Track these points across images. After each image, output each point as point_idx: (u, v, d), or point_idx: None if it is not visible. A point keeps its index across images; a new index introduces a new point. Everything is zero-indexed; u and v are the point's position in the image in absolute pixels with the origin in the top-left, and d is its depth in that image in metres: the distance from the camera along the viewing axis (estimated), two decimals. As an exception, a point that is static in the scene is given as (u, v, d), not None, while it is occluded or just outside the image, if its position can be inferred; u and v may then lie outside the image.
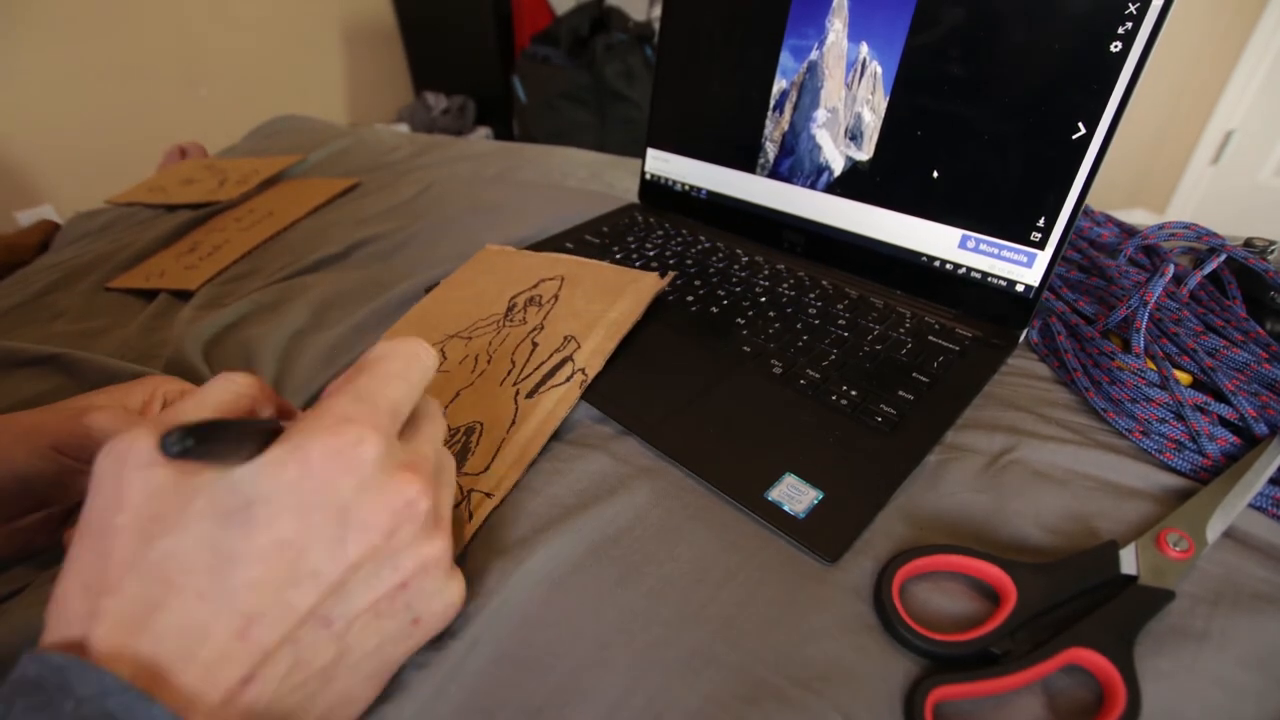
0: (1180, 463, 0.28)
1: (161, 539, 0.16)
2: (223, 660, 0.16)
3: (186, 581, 0.16)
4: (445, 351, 0.37)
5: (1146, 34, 0.29)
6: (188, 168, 0.78)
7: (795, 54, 0.42)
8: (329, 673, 0.19)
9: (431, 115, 2.15)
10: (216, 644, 0.16)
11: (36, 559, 0.29)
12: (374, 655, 0.20)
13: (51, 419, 0.27)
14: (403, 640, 0.21)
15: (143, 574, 0.16)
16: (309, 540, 0.17)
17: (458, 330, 0.38)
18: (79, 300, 0.53)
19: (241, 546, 0.17)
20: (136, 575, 0.16)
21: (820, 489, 0.27)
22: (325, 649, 0.18)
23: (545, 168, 0.68)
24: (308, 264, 0.52)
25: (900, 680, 0.21)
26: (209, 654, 0.16)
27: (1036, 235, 0.35)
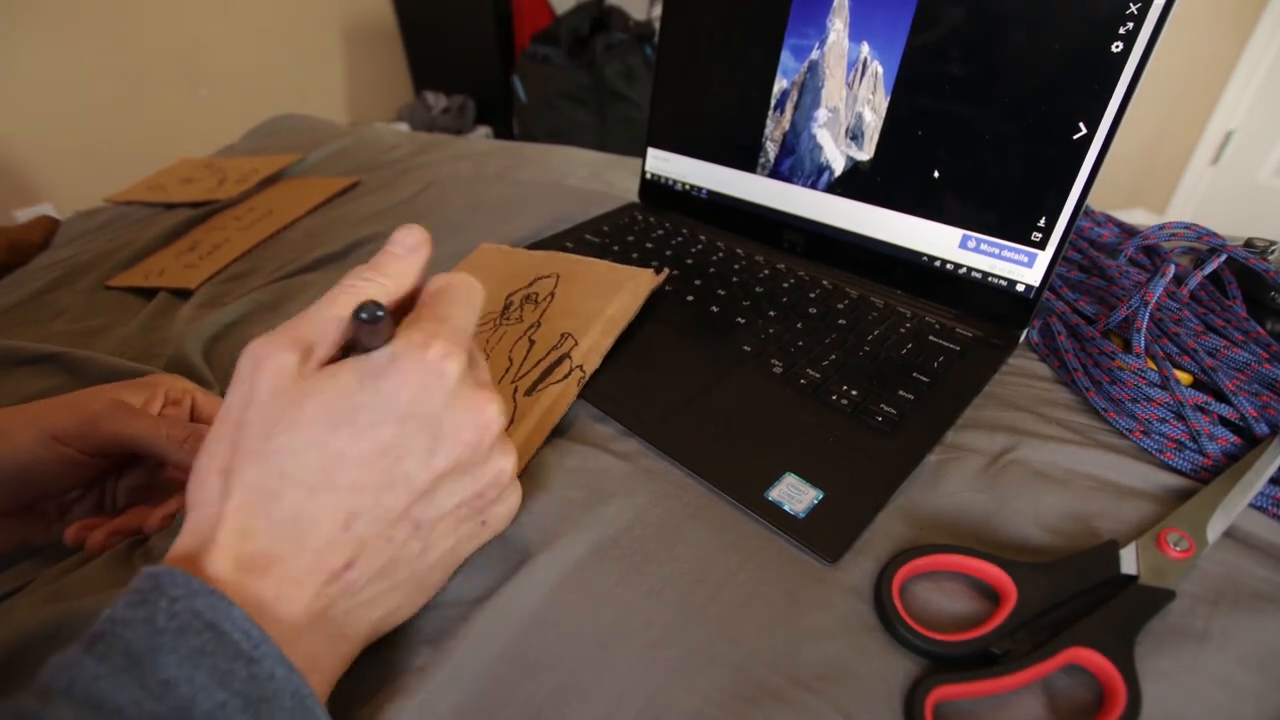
0: (1181, 462, 0.28)
1: (279, 436, 0.19)
2: (329, 547, 0.19)
3: (299, 476, 0.19)
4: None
5: (1148, 34, 0.29)
6: (187, 167, 0.78)
7: (796, 53, 0.42)
8: (413, 565, 0.21)
9: (431, 114, 2.15)
10: (322, 533, 0.19)
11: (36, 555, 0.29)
12: (449, 552, 0.23)
13: (52, 408, 0.28)
14: (472, 539, 0.24)
15: (263, 465, 0.19)
16: (404, 447, 0.20)
17: None
18: (79, 299, 0.53)
19: (348, 449, 0.19)
20: (258, 465, 0.19)
21: (820, 489, 0.27)
22: (412, 545, 0.21)
23: (545, 167, 0.68)
24: (307, 263, 0.52)
25: (900, 680, 0.21)
26: (316, 542, 0.19)
27: (1037, 235, 0.35)
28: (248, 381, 0.19)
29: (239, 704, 0.16)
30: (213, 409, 0.33)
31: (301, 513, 0.19)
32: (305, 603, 0.19)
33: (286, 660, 0.17)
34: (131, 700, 0.15)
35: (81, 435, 0.27)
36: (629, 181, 0.62)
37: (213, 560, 0.18)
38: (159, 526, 0.28)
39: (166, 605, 0.16)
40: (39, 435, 0.27)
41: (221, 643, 0.16)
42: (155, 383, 0.31)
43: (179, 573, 0.17)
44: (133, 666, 0.15)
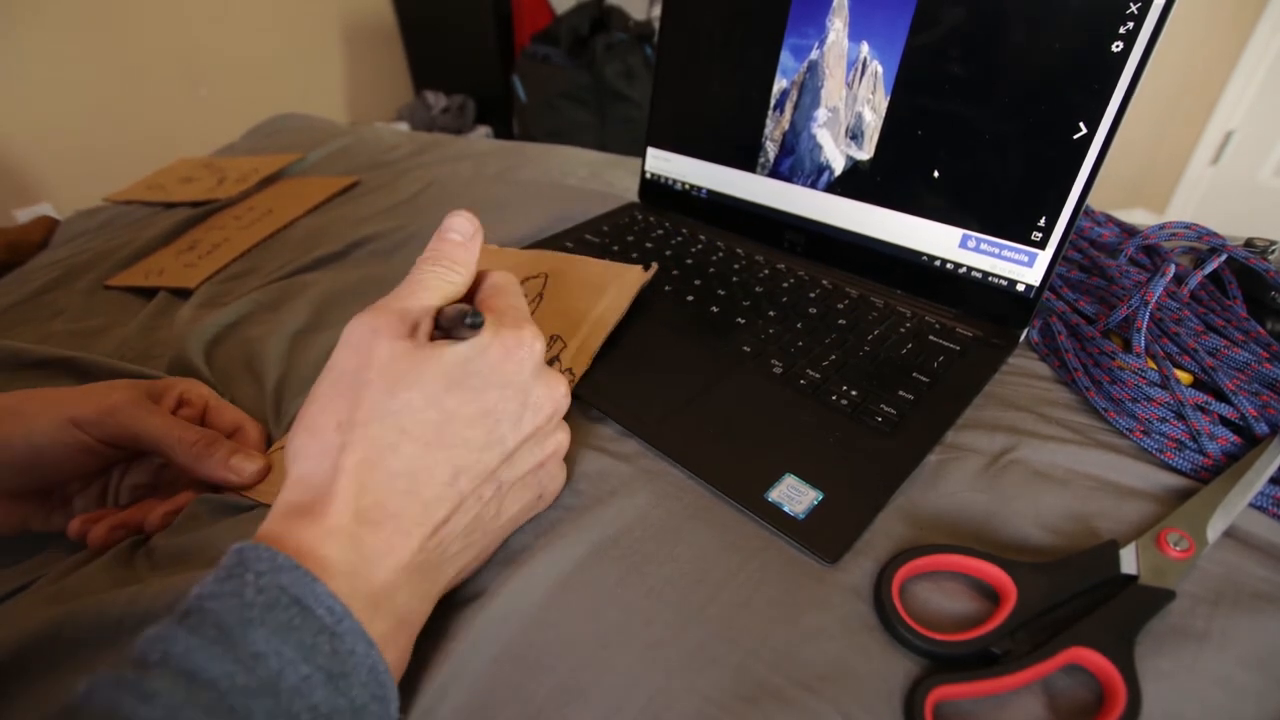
0: (1181, 462, 0.28)
1: (403, 392, 0.20)
2: (437, 500, 0.21)
3: (418, 431, 0.20)
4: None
5: (1148, 34, 0.29)
6: (187, 166, 0.78)
7: (795, 53, 0.42)
8: (487, 526, 0.23)
9: (431, 114, 2.15)
10: (434, 487, 0.21)
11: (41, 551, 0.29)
12: (513, 519, 0.25)
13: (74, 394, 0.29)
14: (529, 510, 0.26)
15: (385, 419, 0.20)
16: (502, 411, 0.22)
17: None
18: (78, 298, 0.53)
19: (459, 409, 0.21)
20: (380, 419, 0.20)
21: (820, 489, 0.27)
22: (493, 505, 0.23)
23: (545, 167, 0.68)
24: (307, 262, 0.52)
25: (900, 680, 0.21)
26: (427, 494, 0.20)
27: (1037, 235, 0.35)
28: (363, 347, 0.21)
29: (321, 678, 0.16)
30: (224, 416, 0.33)
31: (417, 466, 0.20)
32: (410, 553, 0.20)
33: (366, 636, 0.18)
34: (225, 672, 0.15)
35: (99, 423, 0.28)
36: (629, 181, 0.62)
37: (331, 512, 0.19)
38: (160, 524, 0.29)
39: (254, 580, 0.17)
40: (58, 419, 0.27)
41: (307, 618, 0.17)
42: (173, 384, 0.32)
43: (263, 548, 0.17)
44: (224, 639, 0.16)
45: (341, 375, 0.21)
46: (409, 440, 0.20)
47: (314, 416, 0.20)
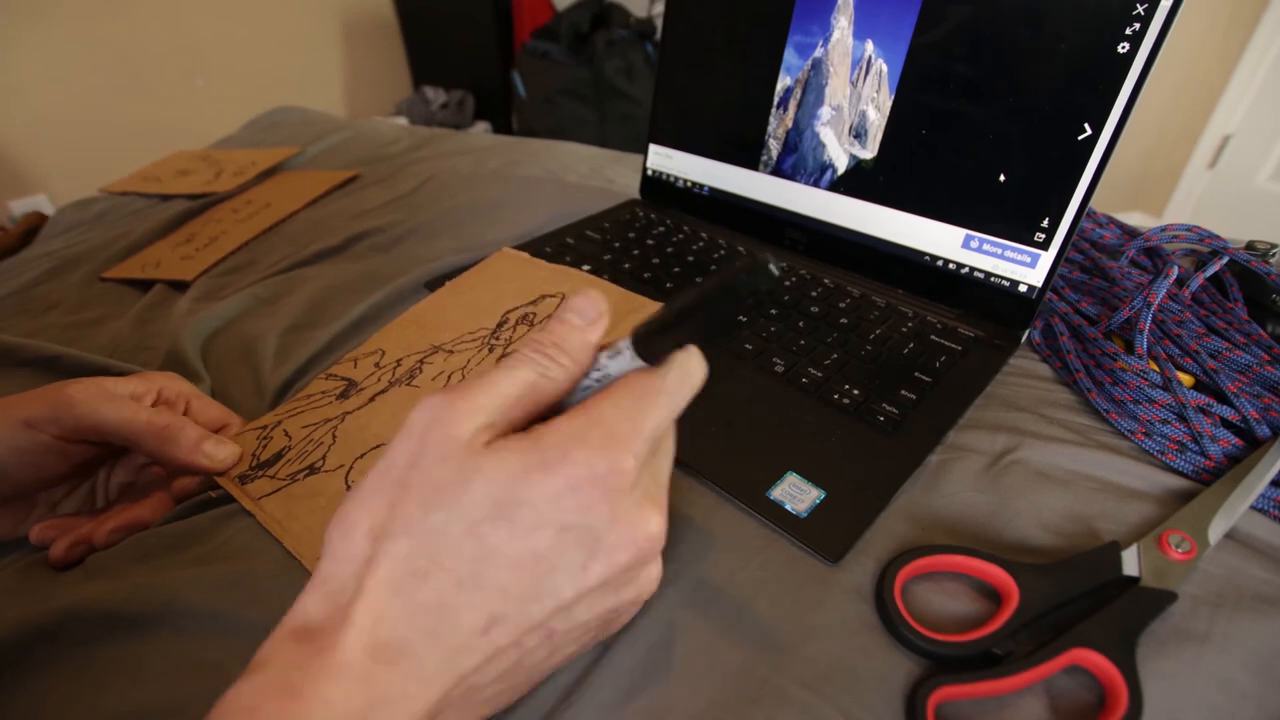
0: (1182, 464, 0.28)
1: (438, 512, 0.17)
2: (464, 650, 0.17)
3: (451, 565, 0.17)
4: (424, 365, 0.35)
5: (1154, 35, 0.29)
6: (183, 159, 0.77)
7: (800, 51, 0.42)
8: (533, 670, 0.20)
9: (430, 109, 2.13)
10: (462, 634, 0.17)
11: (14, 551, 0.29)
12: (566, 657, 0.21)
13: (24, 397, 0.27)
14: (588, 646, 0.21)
15: (417, 539, 0.17)
16: (559, 558, 0.18)
17: (443, 342, 0.37)
18: (73, 291, 0.52)
19: (502, 546, 0.17)
20: (411, 539, 0.17)
21: (822, 488, 0.27)
22: (540, 651, 0.19)
23: (545, 163, 0.68)
24: (306, 256, 0.52)
25: (902, 681, 0.21)
26: (454, 640, 0.17)
27: (1040, 236, 0.35)
28: (418, 438, 0.18)
29: None
30: (209, 414, 0.32)
31: (445, 604, 0.17)
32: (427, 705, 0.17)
33: None
34: None
35: (55, 419, 0.26)
36: (630, 178, 0.62)
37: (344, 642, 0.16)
38: (106, 541, 0.27)
39: None
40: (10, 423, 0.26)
41: None
42: (150, 379, 0.30)
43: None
44: None
45: (390, 468, 0.18)
46: (440, 572, 0.17)
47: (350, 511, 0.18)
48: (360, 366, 0.37)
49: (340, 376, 0.36)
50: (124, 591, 0.24)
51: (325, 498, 0.28)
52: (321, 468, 0.30)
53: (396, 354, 0.37)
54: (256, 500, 0.29)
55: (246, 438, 0.32)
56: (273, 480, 0.30)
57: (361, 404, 0.33)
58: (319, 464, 0.30)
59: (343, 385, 0.35)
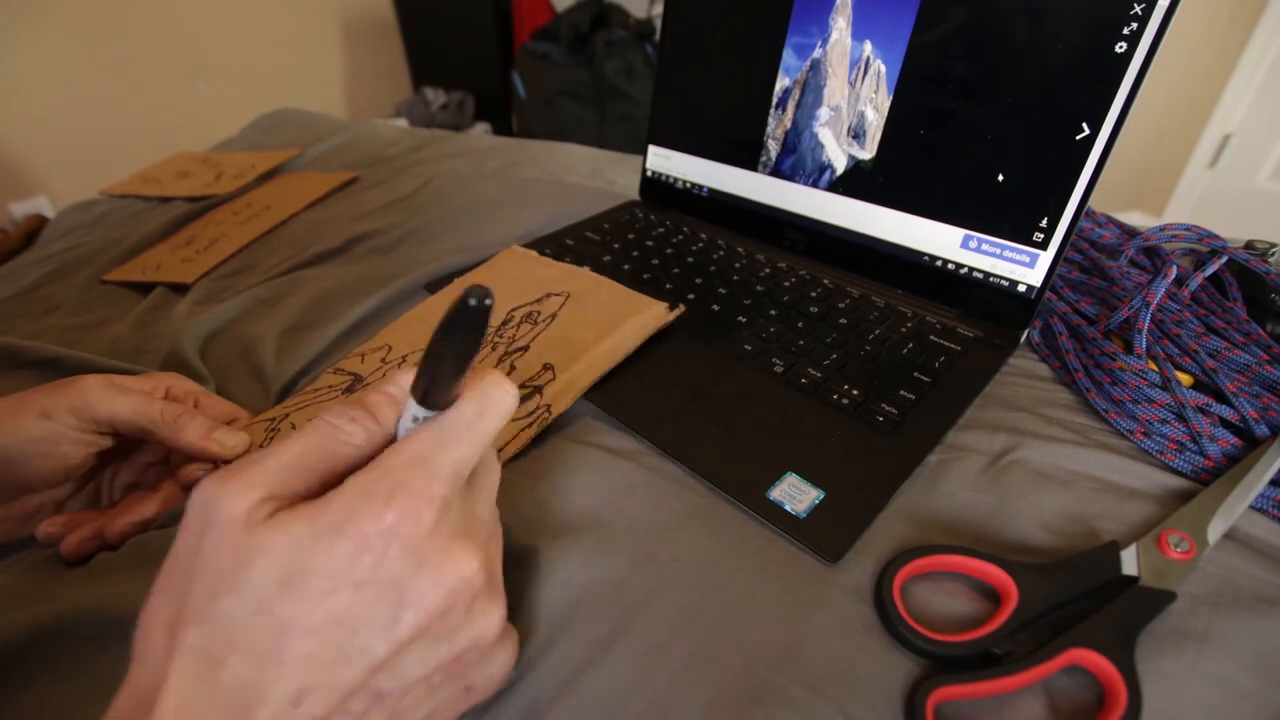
0: (1181, 464, 0.28)
1: (225, 597, 0.17)
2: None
3: (247, 644, 0.17)
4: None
5: (1152, 34, 0.29)
6: (184, 161, 0.77)
7: (798, 52, 0.42)
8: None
9: (430, 110, 2.14)
10: (271, 708, 0.16)
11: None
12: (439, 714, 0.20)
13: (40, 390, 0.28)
14: (454, 706, 0.20)
15: (209, 627, 0.17)
16: (361, 619, 0.17)
17: None
18: (74, 293, 0.52)
19: (297, 618, 0.17)
20: (202, 628, 0.17)
21: (822, 489, 0.27)
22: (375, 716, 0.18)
23: (545, 164, 0.68)
24: (306, 258, 0.52)
25: (901, 681, 0.21)
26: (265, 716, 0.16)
27: (1039, 235, 0.35)
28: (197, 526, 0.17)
29: None
30: (218, 409, 0.32)
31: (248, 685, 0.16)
32: None
33: None
34: None
35: (71, 409, 0.27)
36: (629, 179, 0.62)
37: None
38: (119, 534, 0.28)
39: None
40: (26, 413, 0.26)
41: None
42: (158, 377, 0.31)
43: None
44: None
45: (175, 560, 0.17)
46: (237, 654, 0.16)
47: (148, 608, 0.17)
48: (367, 362, 0.37)
49: (347, 371, 0.37)
50: (128, 594, 0.24)
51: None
52: None
53: (403, 350, 0.37)
54: None
55: (255, 429, 0.33)
56: None
57: None
58: None
59: (349, 380, 0.36)
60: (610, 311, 0.36)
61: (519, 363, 0.34)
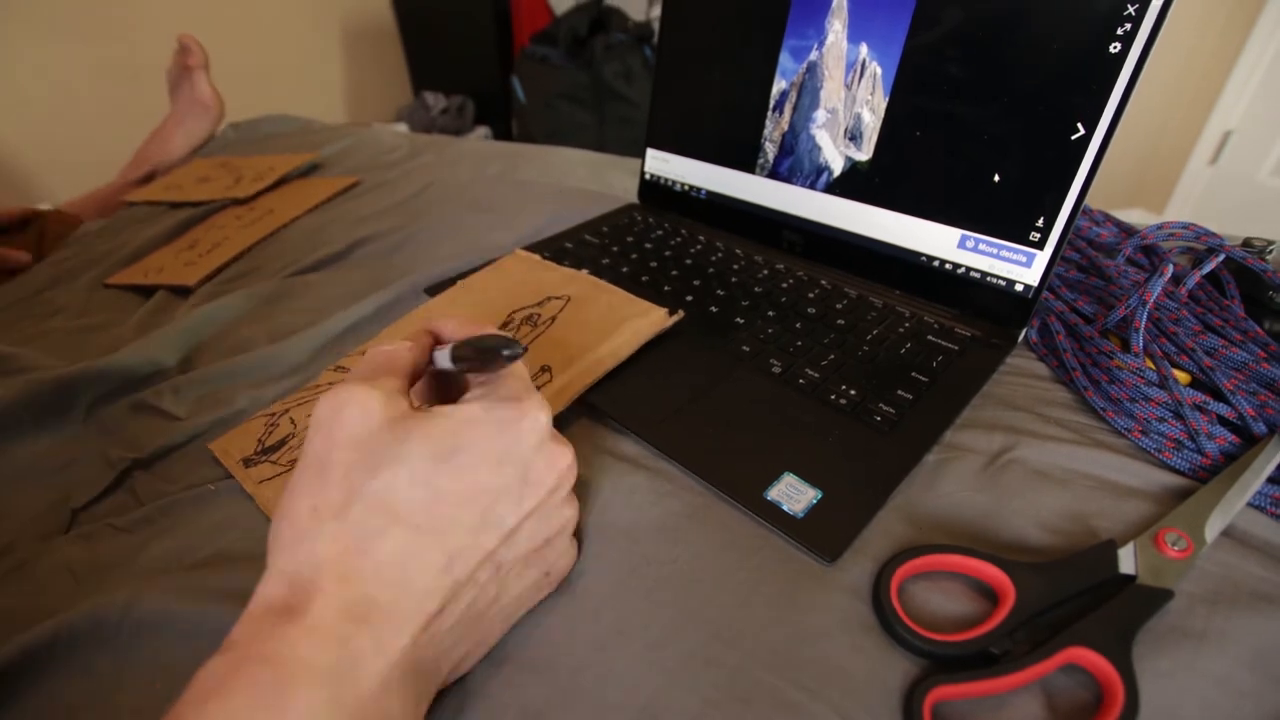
0: (1179, 462, 0.28)
1: (384, 471, 0.19)
2: (429, 590, 0.19)
3: (406, 514, 0.18)
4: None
5: (1145, 34, 0.29)
6: (203, 166, 0.78)
7: (795, 54, 0.42)
8: (487, 611, 0.21)
9: (430, 115, 2.14)
10: (426, 575, 0.19)
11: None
12: (517, 600, 0.22)
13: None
14: (538, 590, 0.23)
15: (367, 503, 0.18)
16: (500, 489, 0.20)
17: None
18: (78, 297, 0.53)
19: (450, 487, 0.19)
20: (362, 504, 0.18)
21: (819, 488, 0.27)
22: (491, 588, 0.21)
23: (544, 167, 0.68)
24: (308, 263, 0.52)
25: (899, 680, 0.21)
26: (420, 583, 0.18)
27: (1036, 235, 0.35)
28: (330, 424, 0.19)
29: None
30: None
31: (408, 552, 0.18)
32: (401, 653, 0.18)
33: None
34: None
35: None
36: (628, 182, 0.62)
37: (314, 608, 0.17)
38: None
39: None
40: None
41: None
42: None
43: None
44: None
45: (313, 459, 0.19)
46: (397, 524, 0.18)
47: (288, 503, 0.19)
48: None
49: (347, 368, 0.37)
50: (117, 599, 0.25)
51: None
52: None
53: None
54: (257, 484, 0.30)
55: (255, 424, 0.34)
56: (274, 465, 0.31)
57: None
58: None
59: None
60: (609, 316, 0.36)
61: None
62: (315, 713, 0.16)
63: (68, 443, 0.36)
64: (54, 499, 0.32)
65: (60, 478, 0.33)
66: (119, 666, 0.23)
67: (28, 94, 1.55)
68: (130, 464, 0.33)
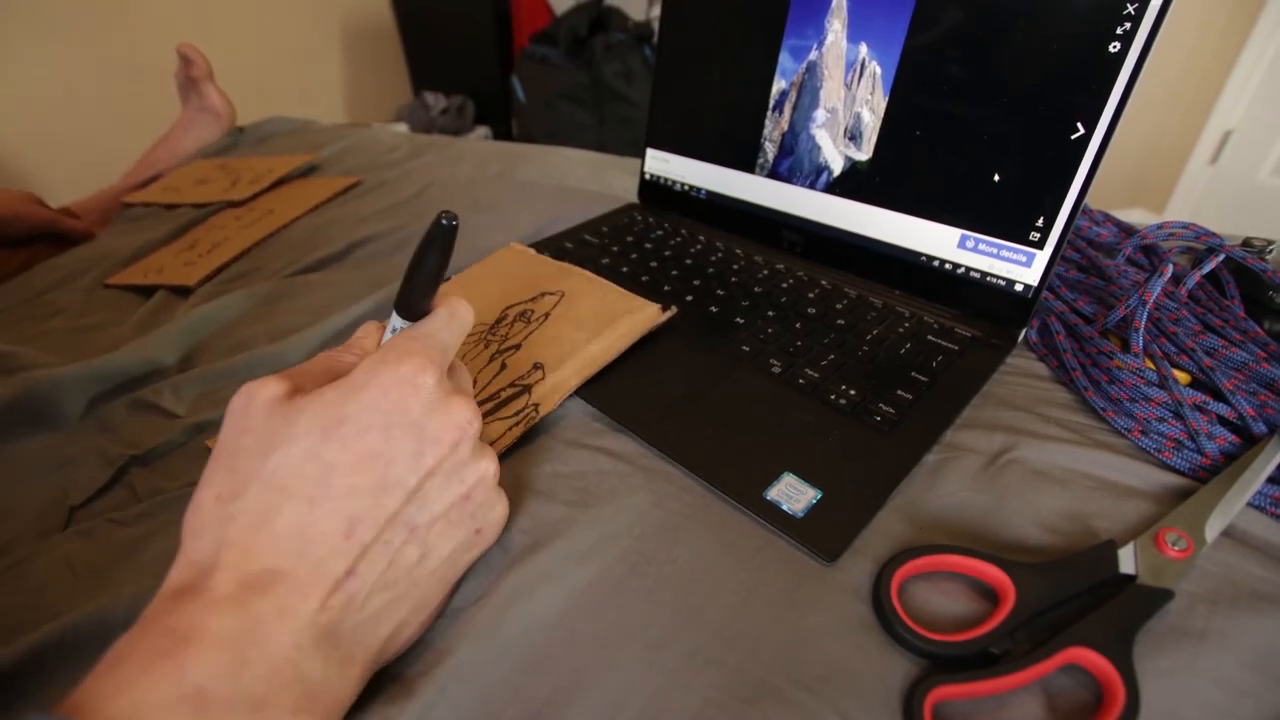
0: (1179, 462, 0.28)
1: (276, 452, 0.19)
2: (331, 556, 0.19)
3: (298, 489, 0.19)
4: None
5: (1145, 34, 0.29)
6: (202, 168, 0.78)
7: (794, 54, 0.42)
8: (413, 574, 0.21)
9: (430, 115, 2.14)
10: (326, 542, 0.19)
11: None
12: (448, 561, 0.23)
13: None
14: (469, 548, 0.24)
15: (263, 483, 0.19)
16: (393, 452, 0.20)
17: None
18: (78, 297, 0.53)
19: (340, 458, 0.20)
20: (258, 485, 0.19)
21: (819, 488, 0.27)
22: (410, 551, 0.21)
23: (544, 167, 0.68)
24: (308, 263, 0.52)
25: (899, 681, 0.21)
26: (320, 551, 0.19)
27: (1035, 235, 0.35)
28: (241, 415, 0.20)
29: None
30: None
31: (304, 523, 0.19)
32: (309, 616, 0.18)
33: None
34: None
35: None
36: (628, 182, 0.62)
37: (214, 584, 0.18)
38: None
39: None
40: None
41: None
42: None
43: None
44: None
45: (221, 448, 0.20)
46: (290, 499, 0.19)
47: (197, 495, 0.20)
48: None
49: None
50: (124, 595, 0.25)
51: None
52: None
53: None
54: None
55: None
56: None
57: None
58: None
59: None
60: (603, 312, 0.36)
61: (510, 361, 0.34)
62: (217, 675, 0.16)
63: (66, 440, 0.36)
64: (53, 496, 0.32)
65: (59, 475, 0.33)
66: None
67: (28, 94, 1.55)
68: (129, 461, 0.33)
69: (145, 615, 0.18)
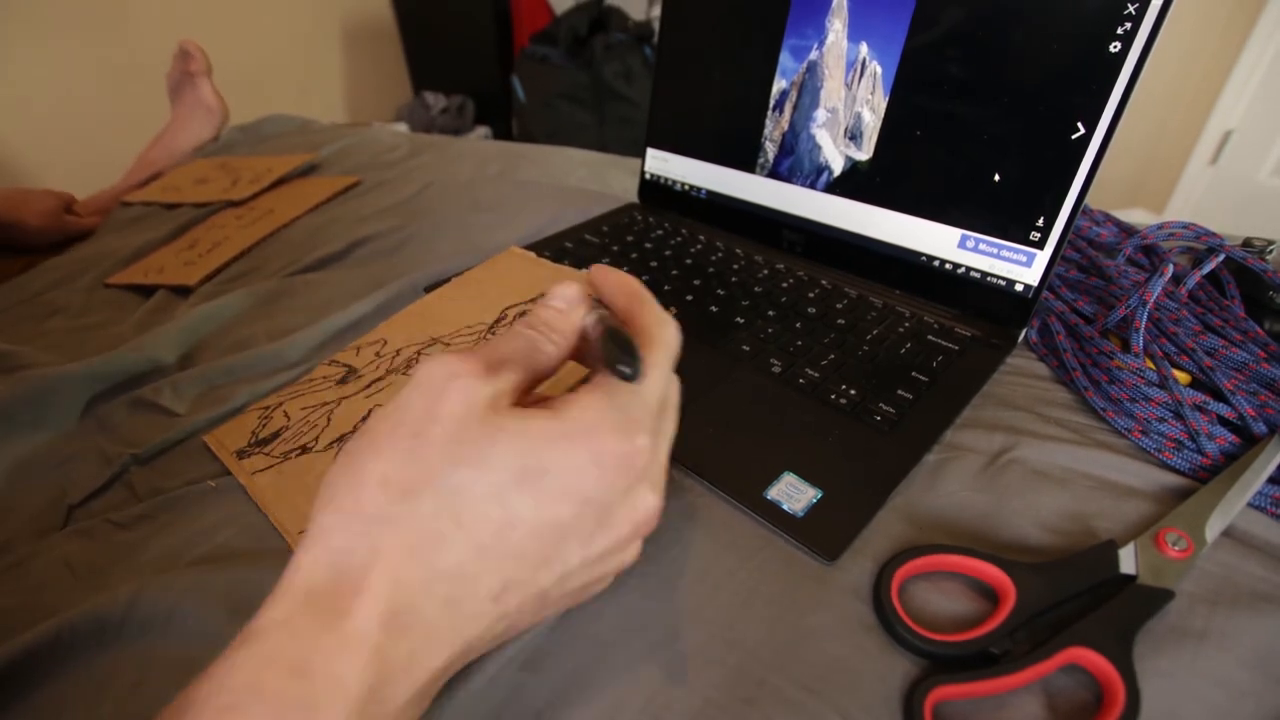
0: (1179, 462, 0.28)
1: (464, 469, 0.17)
2: (474, 617, 0.17)
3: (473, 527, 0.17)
4: (421, 356, 0.37)
5: (1145, 34, 0.29)
6: (202, 167, 0.78)
7: (795, 54, 0.42)
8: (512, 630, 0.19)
9: (430, 114, 2.14)
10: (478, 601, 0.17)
11: None
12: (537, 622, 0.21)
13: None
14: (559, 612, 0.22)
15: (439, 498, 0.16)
16: (574, 529, 0.18)
17: (442, 334, 0.38)
18: (78, 297, 0.53)
19: (526, 514, 0.17)
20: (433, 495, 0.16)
21: (819, 488, 0.27)
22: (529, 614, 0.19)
23: (545, 167, 0.68)
24: (308, 262, 0.52)
25: (899, 681, 0.21)
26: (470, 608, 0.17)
27: (1036, 235, 0.35)
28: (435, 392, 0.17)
29: None
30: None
31: (465, 571, 0.17)
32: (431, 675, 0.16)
33: None
34: None
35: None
36: (628, 182, 0.62)
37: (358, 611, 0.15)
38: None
39: None
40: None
41: None
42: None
43: None
44: None
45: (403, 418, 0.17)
46: (462, 535, 0.16)
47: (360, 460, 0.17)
48: (362, 354, 0.38)
49: (342, 363, 0.38)
50: (119, 597, 0.25)
51: (314, 476, 0.29)
52: (314, 448, 0.31)
53: (397, 344, 0.38)
54: (250, 475, 0.30)
55: (249, 416, 0.34)
56: (267, 457, 0.31)
57: (358, 390, 0.35)
58: (312, 444, 0.31)
59: (344, 371, 0.37)
60: None
61: None
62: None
63: (66, 439, 0.36)
64: (52, 495, 0.32)
65: (58, 474, 0.33)
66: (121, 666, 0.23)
67: (28, 94, 1.55)
68: (128, 460, 0.33)
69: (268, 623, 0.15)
